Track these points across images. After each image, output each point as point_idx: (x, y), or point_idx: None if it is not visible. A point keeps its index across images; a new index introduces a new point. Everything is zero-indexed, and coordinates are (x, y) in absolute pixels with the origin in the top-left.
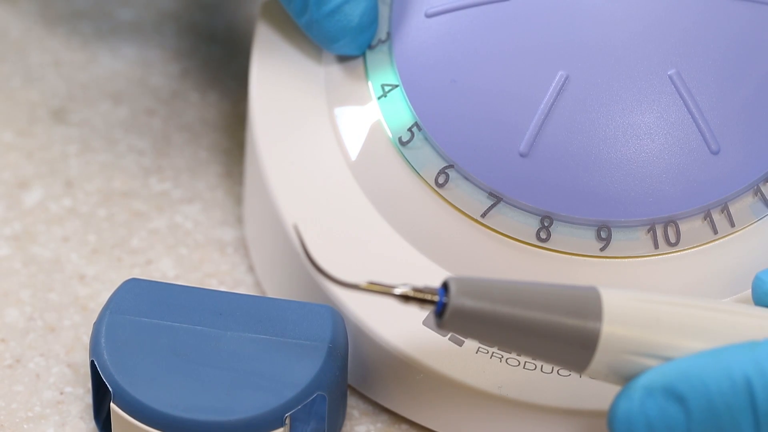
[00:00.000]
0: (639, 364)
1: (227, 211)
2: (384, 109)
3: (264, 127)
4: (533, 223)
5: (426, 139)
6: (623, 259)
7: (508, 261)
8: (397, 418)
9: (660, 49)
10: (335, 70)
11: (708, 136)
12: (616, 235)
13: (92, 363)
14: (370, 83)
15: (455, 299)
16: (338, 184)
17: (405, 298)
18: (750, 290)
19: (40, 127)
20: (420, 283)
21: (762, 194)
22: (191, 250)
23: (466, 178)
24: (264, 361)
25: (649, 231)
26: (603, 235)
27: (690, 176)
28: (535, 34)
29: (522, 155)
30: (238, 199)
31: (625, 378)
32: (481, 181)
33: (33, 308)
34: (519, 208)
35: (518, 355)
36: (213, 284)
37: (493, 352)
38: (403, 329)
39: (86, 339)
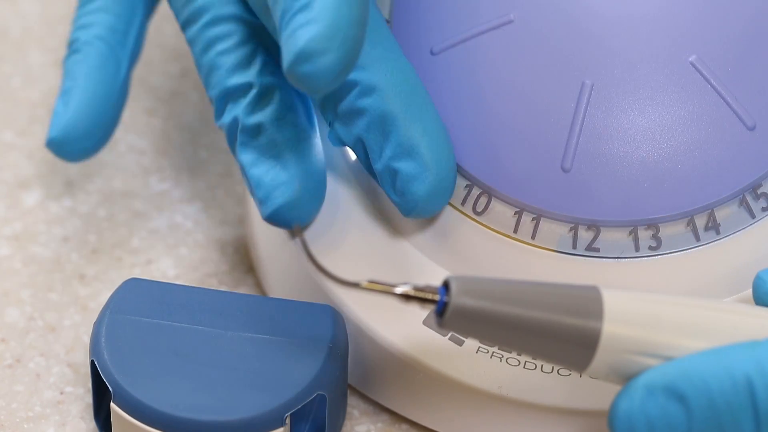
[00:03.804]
0: (640, 363)
1: (227, 211)
2: None
3: None
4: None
5: None
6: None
7: (509, 260)
8: (397, 417)
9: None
10: None
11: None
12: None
13: (92, 363)
14: None
15: (456, 298)
16: (338, 183)
17: (406, 297)
18: (751, 290)
19: (40, 127)
20: (421, 282)
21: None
22: (191, 250)
23: (466, 178)
24: (264, 361)
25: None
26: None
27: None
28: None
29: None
30: (238, 199)
31: (626, 377)
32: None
33: (33, 308)
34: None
35: (519, 354)
36: (213, 284)
37: (493, 352)
38: (404, 329)
39: (86, 339)
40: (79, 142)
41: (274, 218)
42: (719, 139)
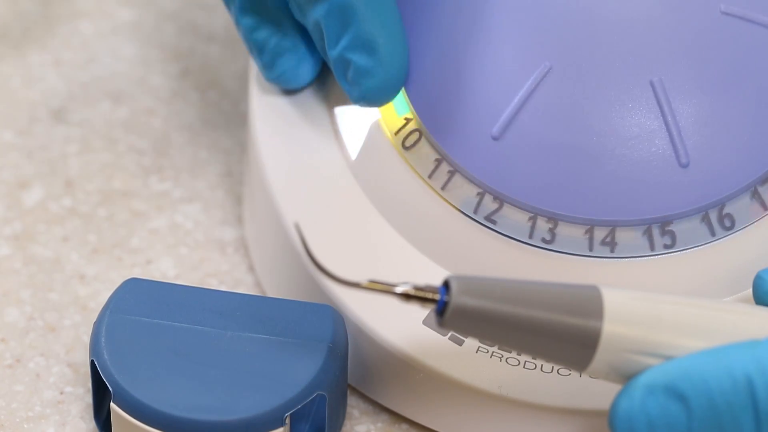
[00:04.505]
0: (640, 362)
1: (227, 211)
2: (384, 108)
3: (264, 127)
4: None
5: (426, 139)
6: (624, 260)
7: (508, 260)
8: (397, 417)
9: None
10: None
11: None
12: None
13: (92, 363)
14: None
15: (456, 298)
16: (338, 184)
17: (406, 296)
18: (751, 289)
19: (40, 127)
20: (421, 281)
21: (759, 196)
22: (191, 249)
23: (467, 178)
24: (264, 361)
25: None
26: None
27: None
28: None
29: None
30: (238, 199)
31: (626, 377)
32: (480, 180)
33: (33, 308)
34: (520, 208)
35: (519, 354)
36: (213, 284)
37: (493, 352)
38: (404, 329)
39: (86, 339)
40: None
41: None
42: (651, 163)
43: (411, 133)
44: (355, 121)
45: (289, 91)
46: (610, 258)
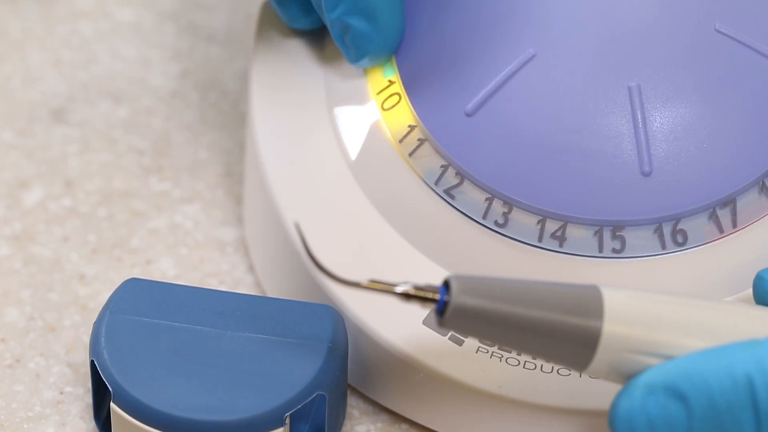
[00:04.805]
0: (640, 362)
1: (227, 211)
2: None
3: (264, 127)
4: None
5: (427, 139)
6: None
7: (508, 260)
8: (397, 417)
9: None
10: (335, 70)
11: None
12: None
13: (92, 363)
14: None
15: (456, 297)
16: (338, 184)
17: (406, 296)
18: (751, 289)
19: (40, 127)
20: (421, 281)
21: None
22: (191, 249)
23: (467, 179)
24: (264, 361)
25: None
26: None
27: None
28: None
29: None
30: (238, 199)
31: (626, 376)
32: (481, 181)
33: (33, 308)
34: (522, 209)
35: (519, 353)
36: (213, 284)
37: (493, 352)
38: (403, 329)
39: (86, 339)
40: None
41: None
42: (614, 167)
43: (391, 95)
44: (355, 121)
45: (289, 92)
46: (558, 252)
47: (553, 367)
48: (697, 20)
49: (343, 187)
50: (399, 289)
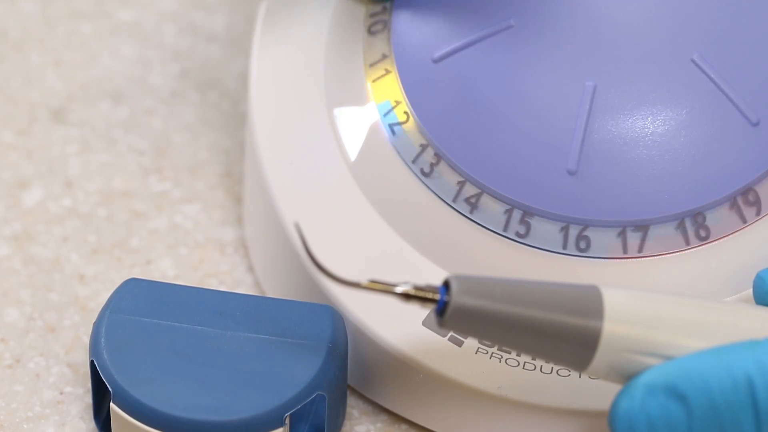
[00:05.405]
0: (640, 362)
1: (227, 211)
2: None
3: (264, 127)
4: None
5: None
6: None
7: (507, 259)
8: (397, 418)
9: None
10: (335, 71)
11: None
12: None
13: (92, 363)
14: (369, 84)
15: (456, 297)
16: (338, 184)
17: (406, 296)
18: (751, 289)
19: (40, 127)
20: (421, 281)
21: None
22: (191, 250)
23: (467, 180)
24: (264, 361)
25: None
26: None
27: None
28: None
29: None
30: (238, 199)
31: (626, 377)
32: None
33: (33, 308)
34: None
35: (519, 354)
36: (213, 284)
37: (492, 352)
38: (403, 329)
39: (86, 339)
40: None
41: None
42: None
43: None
44: (355, 121)
45: (289, 92)
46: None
47: (552, 368)
48: (675, 52)
49: (343, 187)
50: (399, 290)
